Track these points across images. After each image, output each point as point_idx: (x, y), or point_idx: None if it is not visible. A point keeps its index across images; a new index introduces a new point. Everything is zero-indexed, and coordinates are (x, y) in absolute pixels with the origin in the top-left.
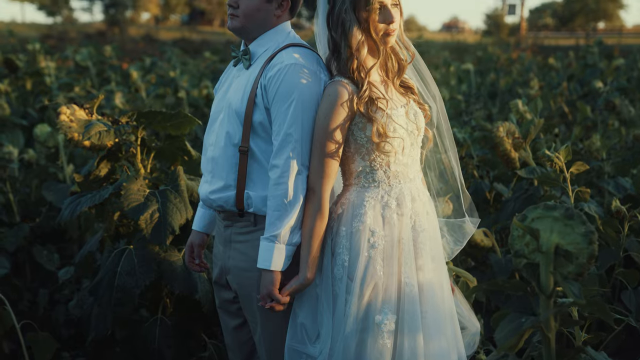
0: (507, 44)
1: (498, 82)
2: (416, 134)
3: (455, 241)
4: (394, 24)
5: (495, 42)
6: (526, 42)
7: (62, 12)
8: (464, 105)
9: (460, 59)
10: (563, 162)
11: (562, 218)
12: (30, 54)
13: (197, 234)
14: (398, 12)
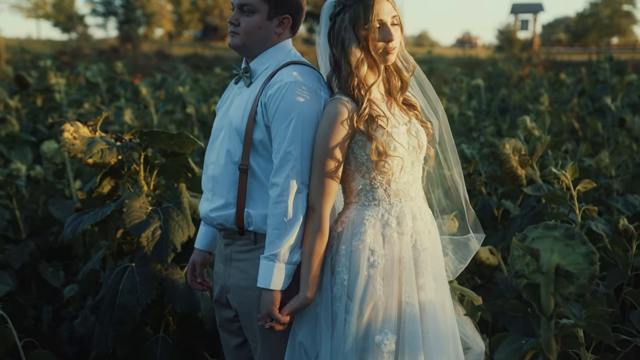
0: (518, 60)
1: (509, 98)
2: (417, 152)
3: (459, 259)
4: (393, 42)
5: (507, 57)
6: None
7: (76, 28)
8: (473, 121)
9: (471, 74)
10: (569, 180)
11: (562, 238)
12: (42, 71)
13: (199, 252)
14: (398, 30)
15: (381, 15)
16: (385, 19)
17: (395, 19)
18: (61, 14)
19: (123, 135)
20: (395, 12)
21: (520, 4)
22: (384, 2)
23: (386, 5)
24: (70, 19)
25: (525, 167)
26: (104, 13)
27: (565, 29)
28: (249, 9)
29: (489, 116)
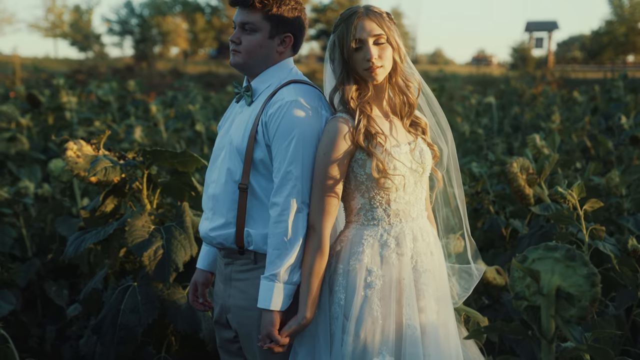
0: (532, 78)
1: (521, 116)
2: (420, 173)
3: (462, 289)
4: (376, 61)
5: (520, 75)
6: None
7: (93, 47)
8: (484, 139)
9: (485, 92)
10: (576, 199)
11: (563, 259)
12: (55, 89)
13: (201, 272)
14: (384, 49)
15: (359, 34)
16: (364, 37)
17: (381, 37)
18: (78, 33)
19: (127, 154)
20: (380, 31)
21: (535, 22)
22: (366, 21)
23: (368, 24)
24: (87, 38)
25: (533, 186)
26: (120, 32)
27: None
28: (251, 28)
29: (500, 134)
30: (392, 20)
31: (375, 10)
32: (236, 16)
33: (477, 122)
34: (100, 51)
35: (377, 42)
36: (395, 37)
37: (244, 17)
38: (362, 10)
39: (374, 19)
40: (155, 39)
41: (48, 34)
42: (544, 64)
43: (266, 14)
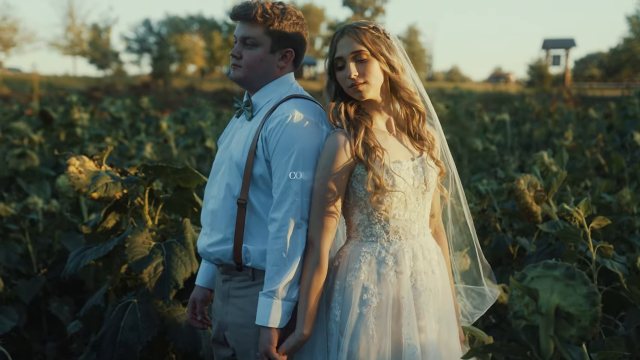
0: (548, 95)
1: (533, 133)
2: (423, 189)
3: (474, 307)
4: (357, 78)
5: (537, 93)
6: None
7: (111, 65)
8: (497, 156)
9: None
10: (583, 217)
11: (562, 278)
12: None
13: (200, 289)
14: (366, 64)
15: (340, 53)
16: (344, 55)
17: (361, 53)
18: (97, 51)
19: (129, 170)
20: (360, 47)
21: (552, 39)
22: (345, 39)
23: (347, 41)
24: (105, 56)
25: (540, 203)
26: (138, 50)
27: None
28: (252, 42)
29: (513, 151)
30: (380, 34)
31: (357, 27)
32: (237, 30)
33: (489, 139)
34: (119, 69)
35: (358, 59)
36: (384, 50)
37: (245, 31)
38: (344, 28)
39: (354, 35)
40: (173, 56)
41: (67, 52)
42: (561, 82)
43: (267, 29)
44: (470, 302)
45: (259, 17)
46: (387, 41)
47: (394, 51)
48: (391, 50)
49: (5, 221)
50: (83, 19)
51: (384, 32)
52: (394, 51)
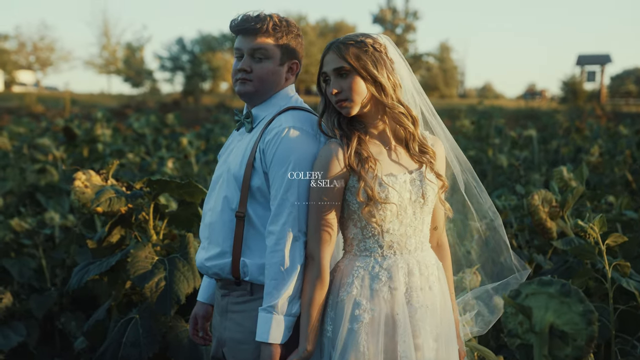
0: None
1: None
2: (421, 203)
3: (490, 311)
4: (337, 95)
5: (570, 109)
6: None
7: (145, 83)
8: (517, 172)
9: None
10: (597, 233)
11: (557, 295)
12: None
13: (202, 305)
14: (347, 80)
15: (324, 68)
16: (327, 71)
17: (343, 69)
18: (131, 70)
19: (134, 184)
20: (341, 64)
21: (587, 55)
22: (329, 55)
23: (330, 57)
24: (139, 74)
25: (556, 220)
26: (171, 68)
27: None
28: (264, 55)
29: (539, 167)
30: (368, 48)
31: (342, 42)
32: (243, 43)
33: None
34: (153, 87)
35: (340, 75)
36: (369, 66)
37: (255, 44)
38: (331, 44)
39: (337, 51)
40: (205, 74)
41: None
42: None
43: (277, 41)
44: (486, 307)
45: (271, 29)
46: (375, 55)
47: (383, 66)
48: (379, 66)
49: (22, 236)
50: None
51: (373, 45)
52: (383, 66)
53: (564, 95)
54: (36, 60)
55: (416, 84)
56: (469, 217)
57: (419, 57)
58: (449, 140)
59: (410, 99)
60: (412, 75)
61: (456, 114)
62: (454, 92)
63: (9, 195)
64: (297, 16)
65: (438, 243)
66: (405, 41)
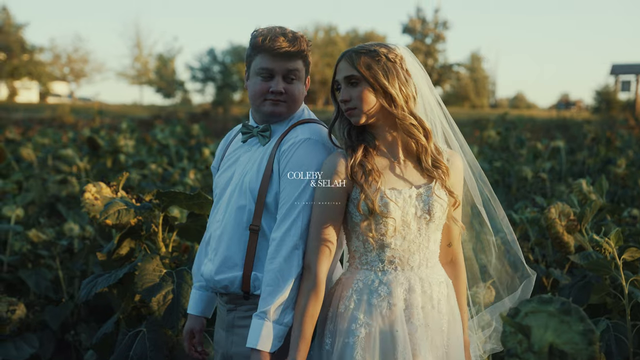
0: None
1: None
2: (427, 219)
3: (492, 343)
4: (346, 103)
5: (603, 119)
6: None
7: (176, 94)
8: (547, 184)
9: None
10: (614, 248)
11: (557, 313)
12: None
13: (196, 318)
14: (357, 89)
15: (336, 76)
16: (339, 79)
17: (352, 78)
18: (162, 81)
19: (144, 196)
20: (351, 72)
21: (621, 64)
22: (342, 62)
23: (343, 65)
24: (170, 85)
25: (573, 233)
26: (202, 79)
27: None
28: (296, 76)
29: (565, 179)
30: (381, 57)
31: (355, 51)
32: (276, 64)
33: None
34: (184, 97)
35: (350, 83)
36: (379, 76)
37: (290, 65)
38: (344, 52)
39: (349, 59)
40: (236, 85)
41: (134, 82)
42: (632, 108)
43: (305, 62)
44: (489, 336)
45: (304, 51)
46: (387, 65)
47: (394, 77)
48: (390, 76)
49: (40, 247)
50: (150, 49)
51: (386, 55)
52: (395, 77)
53: (597, 105)
54: (70, 71)
55: (436, 96)
56: (484, 232)
57: (449, 67)
58: (467, 154)
59: (429, 112)
60: (431, 87)
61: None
62: (485, 102)
63: (31, 206)
64: (327, 27)
65: (452, 259)
66: (435, 51)
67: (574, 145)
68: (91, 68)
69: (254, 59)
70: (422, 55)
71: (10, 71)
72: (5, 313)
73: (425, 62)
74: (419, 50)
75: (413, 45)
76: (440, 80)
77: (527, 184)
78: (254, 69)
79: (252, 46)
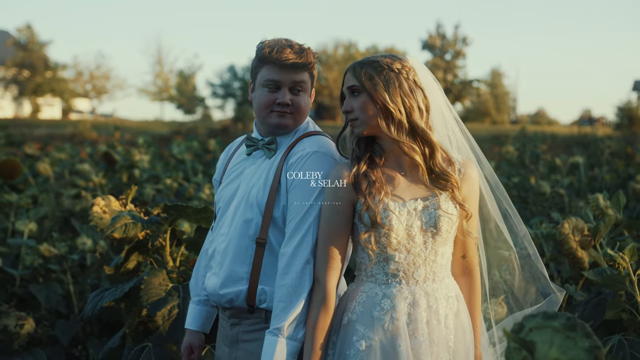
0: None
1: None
2: (433, 232)
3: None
4: (348, 114)
5: (624, 135)
6: None
7: (197, 110)
8: (566, 200)
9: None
10: (628, 263)
11: (562, 329)
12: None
13: (195, 333)
14: (358, 100)
15: (343, 87)
16: (344, 89)
17: (354, 88)
18: (183, 97)
19: (152, 210)
20: (354, 82)
21: None
22: (348, 73)
23: (348, 75)
24: (191, 101)
25: (587, 249)
26: (223, 95)
27: None
28: (302, 88)
29: (584, 195)
30: (384, 68)
31: (361, 62)
32: (283, 76)
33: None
34: (205, 114)
35: (352, 94)
36: (380, 87)
37: (298, 77)
38: (352, 63)
39: (353, 70)
40: None
41: (155, 98)
42: None
43: (311, 73)
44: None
45: (310, 63)
46: (389, 76)
47: (396, 88)
48: (392, 87)
49: (52, 261)
50: (171, 65)
51: (390, 66)
52: (397, 88)
53: (619, 121)
54: (92, 88)
55: (451, 109)
56: (500, 246)
57: (469, 82)
58: (485, 168)
59: (441, 124)
60: (446, 100)
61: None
62: (505, 118)
63: (46, 221)
64: (347, 43)
65: (467, 271)
66: (454, 67)
67: (594, 161)
68: (113, 85)
69: (260, 71)
70: (441, 71)
71: (34, 88)
72: (14, 327)
73: (445, 78)
74: (438, 66)
75: (432, 62)
76: (460, 96)
77: (545, 199)
78: (260, 80)
79: (258, 58)
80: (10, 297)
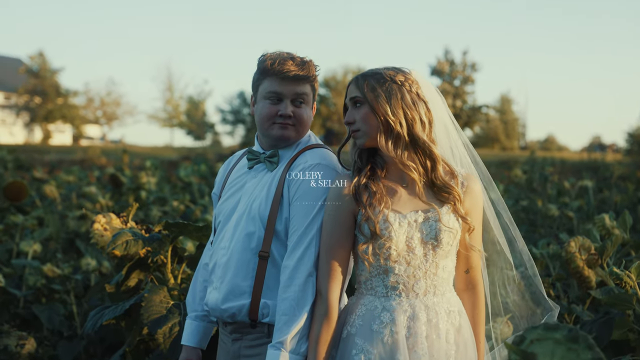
0: None
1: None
2: (433, 245)
3: None
4: (350, 125)
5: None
6: None
7: (207, 136)
8: (575, 223)
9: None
10: (635, 282)
11: (564, 341)
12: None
13: (192, 350)
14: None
15: (345, 98)
16: (346, 101)
17: (357, 99)
18: (193, 123)
19: (154, 227)
20: (356, 93)
21: None
22: (351, 85)
23: (351, 87)
24: (201, 127)
25: (594, 268)
26: (233, 121)
27: None
28: (304, 100)
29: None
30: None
31: (364, 74)
32: (285, 88)
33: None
34: (214, 139)
35: (354, 105)
36: (382, 99)
37: (299, 89)
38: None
39: (355, 81)
40: None
41: (165, 124)
42: None
43: (312, 86)
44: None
45: (312, 75)
46: (391, 88)
47: (398, 99)
48: (394, 99)
49: (56, 282)
50: (181, 92)
51: (392, 78)
52: (400, 99)
53: (629, 147)
54: (103, 114)
55: (455, 124)
56: (501, 264)
57: (478, 108)
58: (488, 182)
59: (444, 137)
60: (450, 115)
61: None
62: (515, 144)
63: (51, 242)
64: (356, 69)
65: (470, 286)
66: (463, 93)
67: (603, 184)
68: (123, 111)
69: (262, 83)
70: (450, 97)
71: (45, 115)
72: (15, 347)
73: (454, 104)
74: (447, 92)
75: (441, 87)
76: (469, 122)
77: (553, 221)
78: (262, 92)
79: (260, 70)
80: (13, 317)
